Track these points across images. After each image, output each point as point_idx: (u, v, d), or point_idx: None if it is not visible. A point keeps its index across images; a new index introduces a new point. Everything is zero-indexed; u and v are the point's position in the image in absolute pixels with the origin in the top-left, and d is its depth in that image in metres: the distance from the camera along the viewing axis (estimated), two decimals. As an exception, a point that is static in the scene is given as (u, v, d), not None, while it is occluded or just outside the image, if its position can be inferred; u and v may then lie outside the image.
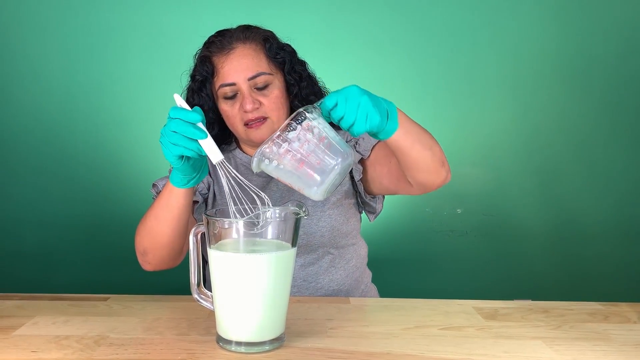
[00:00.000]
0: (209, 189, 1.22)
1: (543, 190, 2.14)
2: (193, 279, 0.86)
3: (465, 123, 2.11)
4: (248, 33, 1.15)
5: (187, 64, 2.00)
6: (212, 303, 0.85)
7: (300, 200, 0.93)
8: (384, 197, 1.27)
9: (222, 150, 1.24)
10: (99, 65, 2.00)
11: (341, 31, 1.76)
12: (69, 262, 1.99)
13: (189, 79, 1.21)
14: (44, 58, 1.98)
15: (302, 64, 1.22)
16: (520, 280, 2.11)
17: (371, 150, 1.19)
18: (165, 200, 0.99)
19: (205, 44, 1.19)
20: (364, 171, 1.21)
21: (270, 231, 0.82)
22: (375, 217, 1.28)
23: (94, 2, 1.98)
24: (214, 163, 0.84)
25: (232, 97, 1.13)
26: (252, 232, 0.80)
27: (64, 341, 0.84)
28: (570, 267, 2.13)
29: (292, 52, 1.20)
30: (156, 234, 1.03)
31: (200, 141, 0.84)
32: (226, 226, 0.81)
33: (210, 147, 0.84)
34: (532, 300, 1.10)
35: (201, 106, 1.16)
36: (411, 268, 1.99)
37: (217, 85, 1.14)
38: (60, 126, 1.99)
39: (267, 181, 1.22)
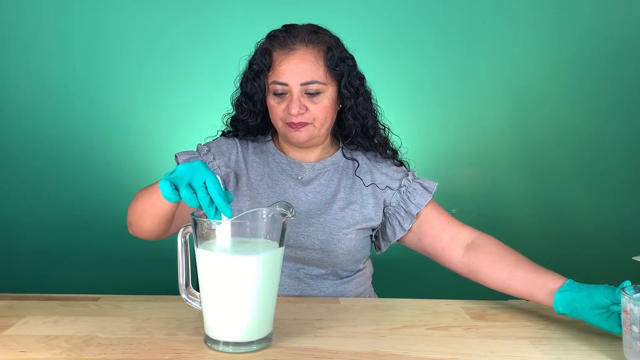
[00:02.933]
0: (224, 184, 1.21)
1: (538, 191, 2.14)
2: (181, 279, 0.87)
3: (460, 123, 2.12)
4: (314, 37, 1.14)
5: (184, 64, 2.03)
6: (200, 303, 0.86)
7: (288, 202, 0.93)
8: None
9: (257, 141, 1.26)
10: (94, 67, 2.00)
11: (338, 32, 1.78)
12: (63, 262, 2.00)
13: (246, 65, 1.20)
14: (41, 60, 1.99)
15: (361, 78, 1.20)
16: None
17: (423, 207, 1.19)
18: (153, 200, 0.98)
19: (269, 36, 1.17)
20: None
21: (258, 231, 0.82)
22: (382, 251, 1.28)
23: (90, 3, 1.98)
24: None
25: (281, 95, 1.13)
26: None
27: (53, 341, 0.84)
28: (562, 267, 2.11)
29: (353, 66, 1.19)
30: (140, 219, 1.04)
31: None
32: (213, 227, 0.81)
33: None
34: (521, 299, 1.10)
35: (251, 95, 1.17)
36: (403, 268, 1.99)
37: (270, 79, 1.14)
38: (55, 127, 1.99)
39: (297, 184, 1.21)
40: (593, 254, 2.13)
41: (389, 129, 1.27)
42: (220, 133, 1.30)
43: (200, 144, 1.24)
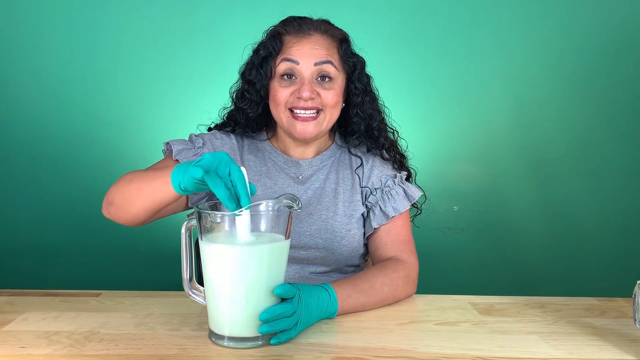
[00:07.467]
0: None
1: (539, 187, 2.13)
2: (185, 274, 0.85)
3: (462, 120, 2.10)
4: (328, 27, 1.11)
5: (183, 61, 2.01)
6: (204, 298, 0.84)
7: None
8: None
9: (252, 138, 1.19)
10: (94, 64, 1.99)
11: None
12: (63, 259, 1.98)
13: (251, 53, 1.15)
14: (40, 57, 1.97)
15: (368, 77, 1.18)
16: (517, 276, 2.11)
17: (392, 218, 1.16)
18: (155, 187, 0.91)
19: (281, 22, 1.13)
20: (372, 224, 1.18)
21: (264, 223, 0.81)
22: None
23: (88, 1, 1.97)
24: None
25: (289, 78, 1.07)
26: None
27: (54, 337, 0.82)
28: (567, 263, 2.13)
29: (363, 62, 1.16)
30: (130, 203, 0.96)
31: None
32: (218, 220, 0.79)
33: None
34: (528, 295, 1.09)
35: (254, 83, 1.10)
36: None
37: (278, 60, 1.07)
38: (56, 124, 1.98)
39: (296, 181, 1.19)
40: (595, 249, 2.12)
41: (397, 132, 1.24)
42: (213, 125, 1.23)
43: (194, 134, 1.17)
